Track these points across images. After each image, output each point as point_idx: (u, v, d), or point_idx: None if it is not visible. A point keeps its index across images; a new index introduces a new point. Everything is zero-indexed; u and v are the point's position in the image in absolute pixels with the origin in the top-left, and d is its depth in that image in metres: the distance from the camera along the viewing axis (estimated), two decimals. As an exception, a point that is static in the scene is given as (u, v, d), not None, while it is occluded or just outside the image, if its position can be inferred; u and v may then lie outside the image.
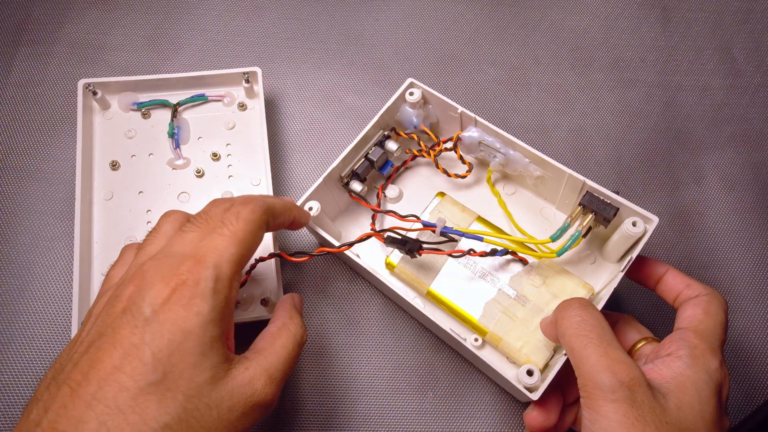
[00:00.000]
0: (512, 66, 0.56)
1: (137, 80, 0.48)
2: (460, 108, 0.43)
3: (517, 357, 0.39)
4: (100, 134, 0.48)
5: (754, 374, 0.47)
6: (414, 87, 0.44)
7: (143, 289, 0.27)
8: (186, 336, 0.26)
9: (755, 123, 0.53)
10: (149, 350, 0.25)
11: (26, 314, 0.45)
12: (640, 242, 0.38)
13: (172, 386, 0.25)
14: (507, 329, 0.40)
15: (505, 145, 0.43)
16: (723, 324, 0.34)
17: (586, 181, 0.40)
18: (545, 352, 0.39)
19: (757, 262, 0.48)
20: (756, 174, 0.51)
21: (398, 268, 0.43)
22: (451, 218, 0.43)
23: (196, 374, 0.26)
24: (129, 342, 0.25)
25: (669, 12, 0.58)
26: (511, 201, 0.46)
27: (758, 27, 0.58)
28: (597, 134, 0.53)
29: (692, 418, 0.29)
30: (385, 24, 0.57)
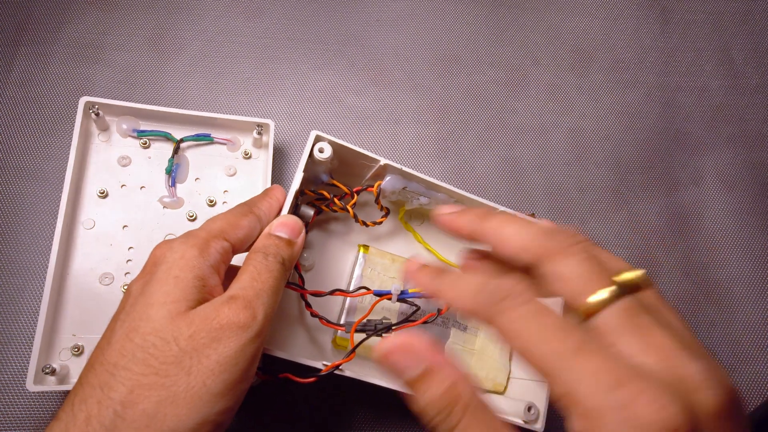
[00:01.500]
0: (512, 67, 0.56)
1: (142, 108, 0.44)
2: (383, 160, 0.38)
3: (485, 384, 0.41)
4: (93, 156, 0.45)
5: (753, 374, 0.47)
6: (321, 141, 0.36)
7: None
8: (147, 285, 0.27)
9: (754, 124, 0.54)
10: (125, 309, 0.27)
11: (26, 314, 0.45)
12: None
13: (131, 330, 0.26)
14: (470, 363, 0.41)
15: (428, 188, 0.40)
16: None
17: (506, 210, 0.40)
18: (504, 369, 0.42)
19: (756, 262, 0.48)
20: (755, 174, 0.52)
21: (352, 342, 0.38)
22: (383, 271, 0.41)
23: (153, 312, 0.26)
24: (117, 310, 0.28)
25: (668, 13, 0.59)
26: (421, 231, 0.44)
27: (757, 28, 0.58)
28: (596, 135, 0.53)
29: None
30: (385, 24, 0.58)
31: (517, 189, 0.52)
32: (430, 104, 0.54)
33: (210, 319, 0.26)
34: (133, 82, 0.53)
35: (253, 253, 0.31)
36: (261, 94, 0.54)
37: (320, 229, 0.43)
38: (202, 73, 0.54)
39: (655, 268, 0.50)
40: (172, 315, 0.26)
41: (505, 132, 0.54)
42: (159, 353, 0.25)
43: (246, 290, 0.28)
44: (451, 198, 0.39)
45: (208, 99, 0.53)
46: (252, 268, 0.29)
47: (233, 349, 0.26)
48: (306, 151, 0.36)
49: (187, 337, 0.25)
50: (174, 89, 0.53)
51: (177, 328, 0.25)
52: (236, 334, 0.26)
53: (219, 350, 0.25)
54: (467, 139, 0.53)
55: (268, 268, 0.30)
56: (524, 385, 0.40)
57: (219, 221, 0.31)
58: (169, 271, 0.27)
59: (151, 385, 0.24)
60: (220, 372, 0.25)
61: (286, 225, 0.33)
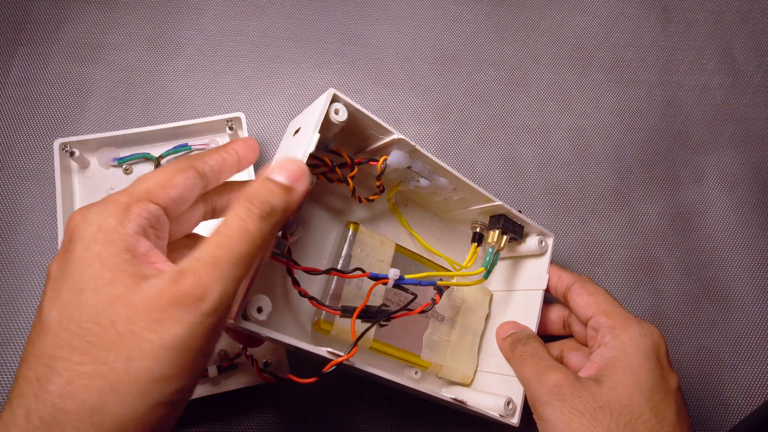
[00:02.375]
0: (512, 66, 0.56)
1: (116, 135, 0.45)
2: (397, 134, 0.34)
3: (455, 376, 0.41)
4: (80, 194, 0.46)
5: (754, 374, 0.47)
6: (338, 102, 0.33)
7: None
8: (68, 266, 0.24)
9: (755, 123, 0.53)
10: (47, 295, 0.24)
11: (25, 314, 0.45)
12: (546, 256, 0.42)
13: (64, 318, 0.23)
14: (444, 355, 0.41)
15: (432, 171, 0.38)
16: (607, 293, 0.37)
17: (504, 204, 0.39)
18: (473, 362, 0.42)
19: (757, 262, 0.48)
20: (756, 173, 0.51)
21: (336, 329, 0.35)
22: (372, 253, 0.38)
23: (86, 298, 0.23)
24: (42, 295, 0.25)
25: (669, 12, 0.58)
26: (406, 215, 0.42)
27: (758, 27, 0.58)
28: (597, 134, 0.53)
29: (627, 392, 0.31)
30: (385, 23, 0.57)
31: (518, 189, 0.52)
32: (430, 103, 0.54)
33: (151, 299, 0.23)
34: (132, 81, 0.53)
35: (235, 201, 0.27)
36: (260, 93, 0.54)
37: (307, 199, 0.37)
38: (201, 72, 0.54)
39: (657, 267, 0.50)
40: (109, 299, 0.23)
41: (506, 131, 0.53)
42: (96, 339, 0.22)
43: (201, 261, 0.24)
44: (452, 184, 0.38)
45: (208, 98, 0.53)
46: (224, 227, 0.25)
47: (179, 332, 0.23)
48: (322, 110, 0.31)
49: (125, 318, 0.23)
50: (173, 89, 0.53)
51: (114, 311, 0.23)
52: (181, 315, 0.23)
53: (161, 333, 0.22)
54: (467, 139, 0.53)
55: (242, 226, 0.25)
56: (505, 381, 0.40)
57: (146, 180, 0.27)
58: (88, 249, 0.24)
59: (90, 374, 0.22)
60: (166, 356, 0.22)
61: (285, 168, 0.28)
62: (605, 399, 0.31)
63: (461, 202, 0.40)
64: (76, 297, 0.23)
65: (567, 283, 0.39)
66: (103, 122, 0.51)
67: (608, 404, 0.31)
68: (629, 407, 0.31)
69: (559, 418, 0.31)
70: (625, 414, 0.30)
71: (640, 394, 0.31)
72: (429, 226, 0.44)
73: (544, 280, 0.40)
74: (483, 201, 0.39)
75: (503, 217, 0.40)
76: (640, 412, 0.31)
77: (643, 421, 0.30)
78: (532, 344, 0.37)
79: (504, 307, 0.44)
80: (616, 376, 0.32)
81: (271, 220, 0.26)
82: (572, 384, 0.32)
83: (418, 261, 0.40)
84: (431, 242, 0.43)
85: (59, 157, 0.44)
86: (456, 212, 0.43)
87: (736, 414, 0.45)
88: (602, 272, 0.50)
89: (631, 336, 0.34)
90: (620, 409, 0.31)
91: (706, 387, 0.47)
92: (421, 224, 0.43)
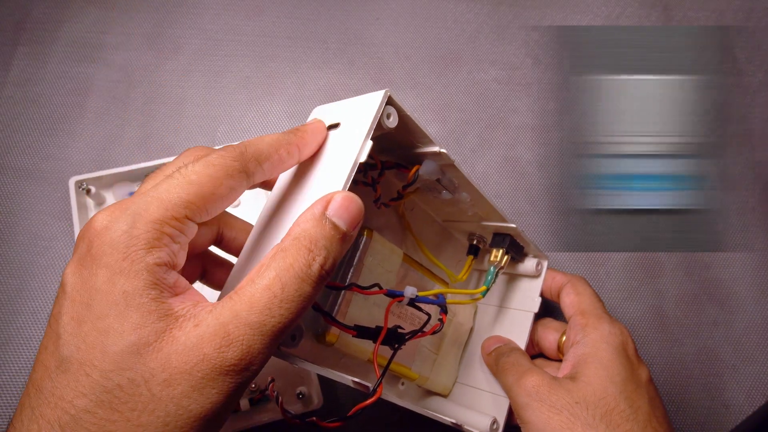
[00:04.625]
0: (513, 65, 0.56)
1: (131, 170, 0.45)
2: (439, 148, 0.31)
3: (437, 387, 0.41)
4: None
5: (755, 374, 0.46)
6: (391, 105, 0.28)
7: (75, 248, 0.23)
8: (90, 295, 0.21)
9: (756, 122, 0.53)
10: (63, 321, 0.22)
11: (24, 314, 0.45)
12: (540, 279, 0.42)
13: (86, 361, 0.21)
14: (431, 368, 0.40)
15: (458, 186, 0.35)
16: (594, 294, 0.38)
17: (517, 228, 0.38)
18: (453, 373, 0.42)
19: (758, 262, 0.48)
20: (757, 173, 0.51)
21: (340, 342, 0.33)
22: (383, 264, 0.35)
23: (111, 342, 0.21)
24: (53, 315, 0.22)
25: (670, 11, 0.58)
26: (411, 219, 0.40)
27: (759, 26, 0.57)
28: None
29: (601, 385, 0.32)
30: (385, 24, 0.57)
31: (518, 188, 0.52)
32: (430, 103, 0.54)
33: (191, 363, 0.20)
34: (131, 81, 0.53)
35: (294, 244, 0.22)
36: (260, 93, 0.53)
37: None
38: (201, 71, 0.54)
39: (658, 267, 0.50)
40: (138, 348, 0.21)
41: (507, 131, 0.53)
42: (127, 397, 0.20)
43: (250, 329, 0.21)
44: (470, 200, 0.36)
45: (207, 98, 0.53)
46: (278, 282, 0.22)
47: (217, 401, 0.21)
48: (375, 113, 0.26)
49: (162, 381, 0.20)
50: (173, 88, 0.53)
51: (147, 367, 0.20)
52: (223, 383, 0.21)
53: (200, 402, 0.21)
54: (468, 138, 0.53)
55: (301, 289, 0.22)
56: (491, 400, 0.40)
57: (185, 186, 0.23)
58: (113, 281, 0.21)
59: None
60: (200, 425, 0.21)
61: (349, 209, 0.24)
62: (581, 394, 0.32)
63: (474, 216, 0.40)
64: (99, 338, 0.21)
65: (560, 284, 0.40)
66: (103, 122, 0.51)
67: (584, 398, 0.32)
68: (604, 399, 0.32)
69: (538, 417, 0.32)
70: (600, 406, 0.31)
71: (613, 386, 0.32)
72: (429, 232, 0.42)
73: (536, 303, 0.41)
74: (498, 220, 0.39)
75: (509, 237, 0.39)
76: (615, 403, 0.32)
77: (618, 412, 0.31)
78: (514, 355, 0.38)
79: (493, 322, 0.43)
80: (588, 371, 0.33)
81: (327, 279, 0.23)
82: (549, 384, 0.33)
83: (421, 272, 0.39)
84: (429, 249, 0.41)
85: (75, 195, 0.44)
86: (460, 223, 0.42)
87: (738, 414, 0.45)
88: (604, 272, 0.49)
89: (600, 333, 0.35)
90: (596, 402, 0.31)
91: (707, 387, 0.46)
92: (422, 230, 0.41)
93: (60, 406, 0.21)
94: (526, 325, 0.41)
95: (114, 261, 0.21)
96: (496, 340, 0.41)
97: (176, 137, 0.51)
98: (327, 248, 0.23)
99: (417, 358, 0.39)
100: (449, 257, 0.43)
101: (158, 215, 0.22)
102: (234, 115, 0.52)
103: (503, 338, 0.41)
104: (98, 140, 0.51)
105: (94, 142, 0.51)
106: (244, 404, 0.39)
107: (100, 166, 0.49)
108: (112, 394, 0.20)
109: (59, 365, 0.21)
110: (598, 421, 0.31)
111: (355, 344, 0.34)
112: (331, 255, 0.23)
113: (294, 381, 0.41)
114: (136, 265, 0.21)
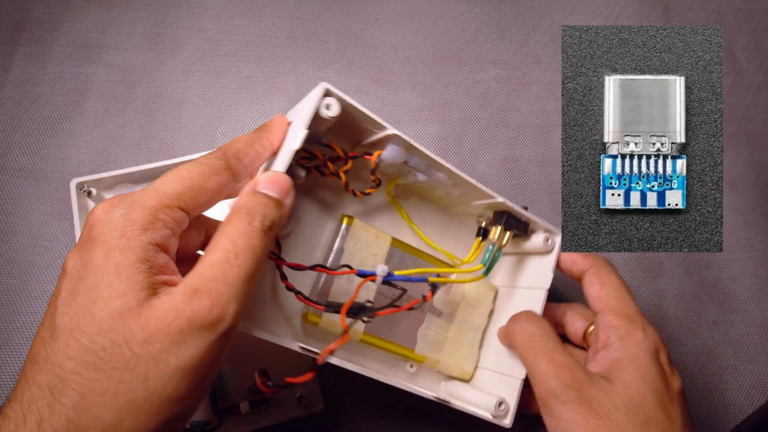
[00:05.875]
0: (513, 65, 0.56)
1: (132, 172, 0.44)
2: (391, 129, 0.33)
3: (452, 371, 0.41)
4: None
5: (755, 374, 0.46)
6: (330, 96, 0.31)
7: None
8: (86, 269, 0.24)
9: (757, 122, 0.53)
10: (61, 296, 0.24)
11: (24, 314, 0.45)
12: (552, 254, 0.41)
13: (75, 327, 0.23)
14: (441, 350, 0.40)
15: (429, 167, 0.37)
16: (622, 285, 0.37)
17: (506, 202, 0.38)
18: (473, 358, 0.42)
19: (759, 262, 0.48)
20: (757, 173, 0.51)
21: (324, 321, 0.35)
22: (365, 247, 0.37)
23: (98, 309, 0.23)
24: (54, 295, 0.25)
25: (670, 11, 0.58)
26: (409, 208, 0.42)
27: (760, 26, 0.57)
28: (598, 134, 0.53)
29: (639, 392, 0.31)
30: (385, 22, 0.57)
31: (519, 188, 0.52)
32: (430, 103, 0.54)
33: (167, 321, 0.23)
34: (131, 81, 0.53)
35: (233, 215, 0.26)
36: (260, 93, 0.53)
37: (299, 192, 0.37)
38: (201, 71, 0.54)
39: (658, 267, 0.50)
40: (120, 313, 0.23)
41: (507, 131, 0.53)
42: (110, 357, 0.22)
43: (215, 281, 0.24)
44: (451, 180, 0.37)
45: (207, 98, 0.53)
46: (228, 242, 0.25)
47: (196, 354, 0.23)
48: (312, 105, 0.30)
49: (141, 341, 0.22)
50: (173, 88, 0.53)
51: (128, 329, 0.23)
52: (199, 337, 0.23)
53: (179, 355, 0.23)
54: (468, 138, 0.53)
55: (249, 243, 0.25)
56: (497, 380, 0.40)
57: (178, 180, 0.26)
58: (108, 255, 0.24)
59: (104, 391, 0.22)
60: (181, 377, 0.23)
61: (276, 182, 0.28)
62: (619, 398, 0.31)
63: (463, 197, 0.40)
64: (89, 306, 0.23)
65: (581, 268, 0.38)
66: (103, 122, 0.51)
67: (623, 404, 0.30)
68: (642, 407, 0.31)
69: (575, 419, 0.31)
70: (639, 414, 0.30)
71: (650, 394, 0.31)
72: (432, 219, 0.43)
73: (548, 279, 0.40)
74: (483, 197, 0.39)
75: (506, 213, 0.39)
76: (653, 412, 0.31)
77: (656, 421, 0.30)
78: (549, 337, 0.35)
79: (507, 303, 0.43)
80: (624, 375, 0.32)
81: (271, 234, 0.26)
82: (588, 380, 0.32)
83: (416, 255, 0.40)
84: (435, 235, 0.42)
85: (76, 197, 0.44)
86: (460, 206, 0.42)
87: (738, 414, 0.45)
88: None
89: (636, 339, 0.33)
90: (635, 409, 0.30)
91: (707, 387, 0.46)
92: (424, 217, 0.42)
93: (50, 371, 0.23)
94: (539, 302, 0.39)
95: (111, 239, 0.24)
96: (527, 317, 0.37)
97: (176, 137, 0.51)
98: (263, 211, 0.26)
99: (420, 339, 0.39)
100: (465, 243, 0.43)
101: (153, 203, 0.25)
102: (234, 115, 0.52)
103: (533, 314, 0.38)
104: (98, 140, 0.51)
105: (94, 142, 0.50)
106: (245, 407, 0.39)
107: (100, 166, 0.49)
108: (96, 355, 0.22)
109: (52, 334, 0.23)
110: (638, 429, 0.30)
111: (336, 324, 0.35)
112: (269, 215, 0.26)
113: (295, 387, 0.41)
114: (131, 242, 0.24)
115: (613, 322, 0.35)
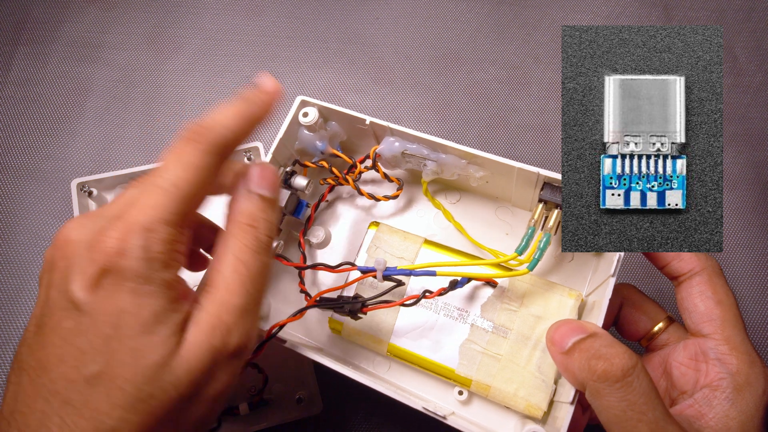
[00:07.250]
0: (513, 65, 0.56)
1: (133, 172, 0.45)
2: (368, 119, 0.35)
3: (515, 403, 0.32)
4: None
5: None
6: (307, 106, 0.35)
7: (70, 268, 0.23)
8: (120, 317, 0.23)
9: (757, 122, 0.53)
10: (86, 338, 0.23)
11: (25, 314, 0.45)
12: None
13: (117, 376, 0.22)
14: (493, 372, 0.32)
15: (433, 150, 0.35)
16: (735, 304, 0.29)
17: (540, 171, 0.33)
18: (546, 389, 0.31)
19: (759, 262, 0.48)
20: (758, 173, 0.51)
21: (347, 330, 0.35)
22: (393, 251, 0.36)
23: (140, 359, 0.23)
24: (66, 328, 0.23)
25: (670, 11, 0.58)
26: (458, 210, 0.39)
27: (760, 26, 0.57)
28: (598, 133, 0.53)
29: None
30: (385, 23, 0.57)
31: (519, 188, 0.52)
32: (430, 102, 0.54)
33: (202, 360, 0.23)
34: (131, 81, 0.53)
35: (237, 228, 0.25)
36: (260, 93, 0.53)
37: (344, 203, 0.40)
38: (201, 71, 0.54)
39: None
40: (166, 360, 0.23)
41: (507, 131, 0.53)
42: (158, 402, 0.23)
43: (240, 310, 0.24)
44: (462, 159, 0.34)
45: (207, 98, 0.53)
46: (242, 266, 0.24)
47: (225, 382, 0.24)
48: (288, 116, 0.34)
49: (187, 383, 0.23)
50: (172, 88, 0.53)
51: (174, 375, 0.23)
52: (228, 367, 0.24)
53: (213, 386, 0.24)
54: (468, 138, 0.53)
55: (260, 262, 0.25)
56: None
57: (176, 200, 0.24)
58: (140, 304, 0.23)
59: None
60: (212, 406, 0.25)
61: (266, 177, 0.26)
62: None
63: (496, 180, 0.36)
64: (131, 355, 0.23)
65: (688, 268, 0.31)
66: (103, 122, 0.51)
67: None
68: None
69: None
70: None
71: None
72: (492, 219, 0.38)
73: (611, 264, 0.32)
74: (507, 171, 0.34)
75: (546, 185, 0.33)
76: None
77: None
78: (652, 402, 0.25)
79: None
80: None
81: (272, 242, 0.26)
82: None
83: (454, 255, 0.36)
84: (499, 237, 0.38)
85: (77, 197, 0.44)
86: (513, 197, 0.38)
87: (738, 414, 0.45)
88: (603, 272, 0.50)
89: (755, 392, 0.27)
90: None
91: (707, 387, 0.47)
92: (483, 219, 0.38)
93: (96, 418, 0.22)
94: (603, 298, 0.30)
95: (138, 285, 0.23)
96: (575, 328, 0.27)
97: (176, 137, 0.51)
98: (263, 218, 0.26)
99: (462, 356, 0.33)
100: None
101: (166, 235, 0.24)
102: (234, 115, 0.52)
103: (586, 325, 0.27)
104: (98, 140, 0.51)
105: (94, 142, 0.51)
106: (243, 408, 0.39)
107: (101, 166, 0.49)
108: (146, 403, 0.23)
109: (88, 380, 0.23)
110: None
111: (365, 334, 0.35)
112: (269, 222, 0.26)
113: (293, 386, 0.41)
114: (158, 286, 0.23)
115: (731, 361, 0.28)
